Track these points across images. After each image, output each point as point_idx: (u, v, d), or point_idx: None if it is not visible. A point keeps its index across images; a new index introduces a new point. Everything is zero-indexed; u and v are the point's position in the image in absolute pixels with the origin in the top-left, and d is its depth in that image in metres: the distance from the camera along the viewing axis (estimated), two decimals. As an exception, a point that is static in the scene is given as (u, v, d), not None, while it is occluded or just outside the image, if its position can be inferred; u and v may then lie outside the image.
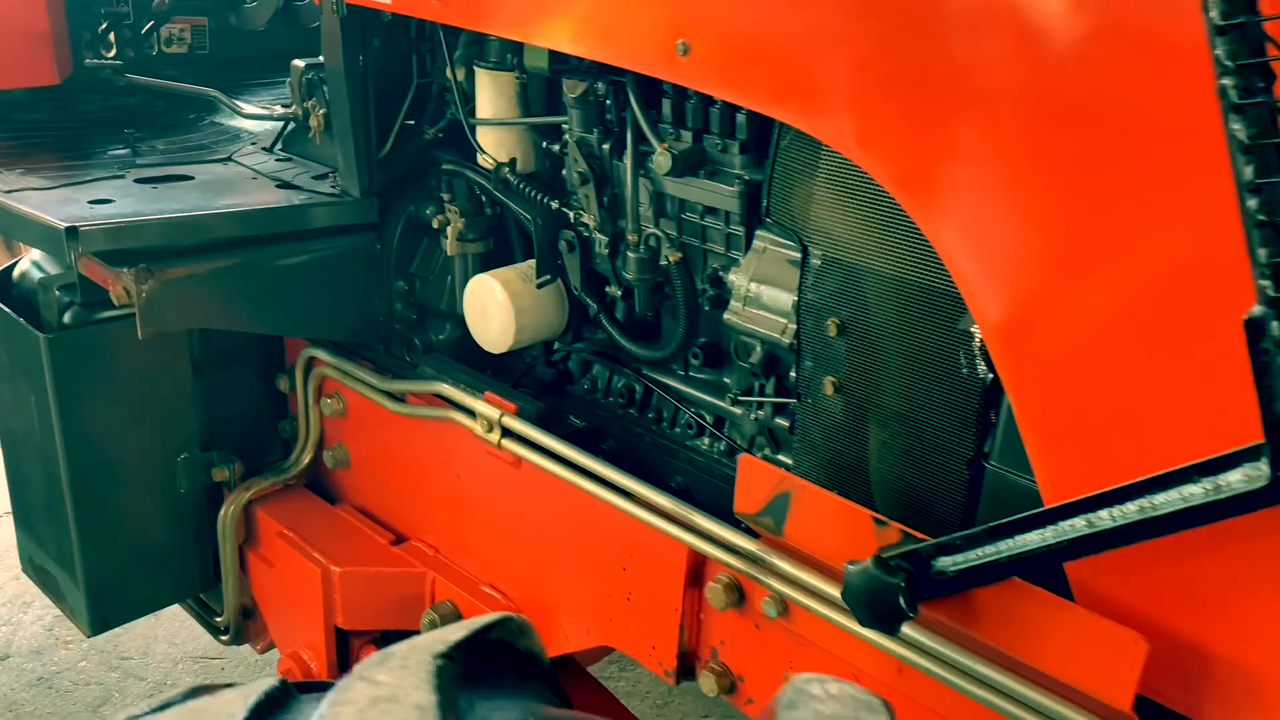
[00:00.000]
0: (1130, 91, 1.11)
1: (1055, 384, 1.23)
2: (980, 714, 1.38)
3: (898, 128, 1.29)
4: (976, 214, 1.25)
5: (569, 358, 2.17)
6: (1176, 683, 1.22)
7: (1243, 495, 1.02)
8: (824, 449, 1.56)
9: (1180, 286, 1.11)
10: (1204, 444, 1.08)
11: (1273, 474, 0.99)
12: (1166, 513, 1.07)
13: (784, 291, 1.56)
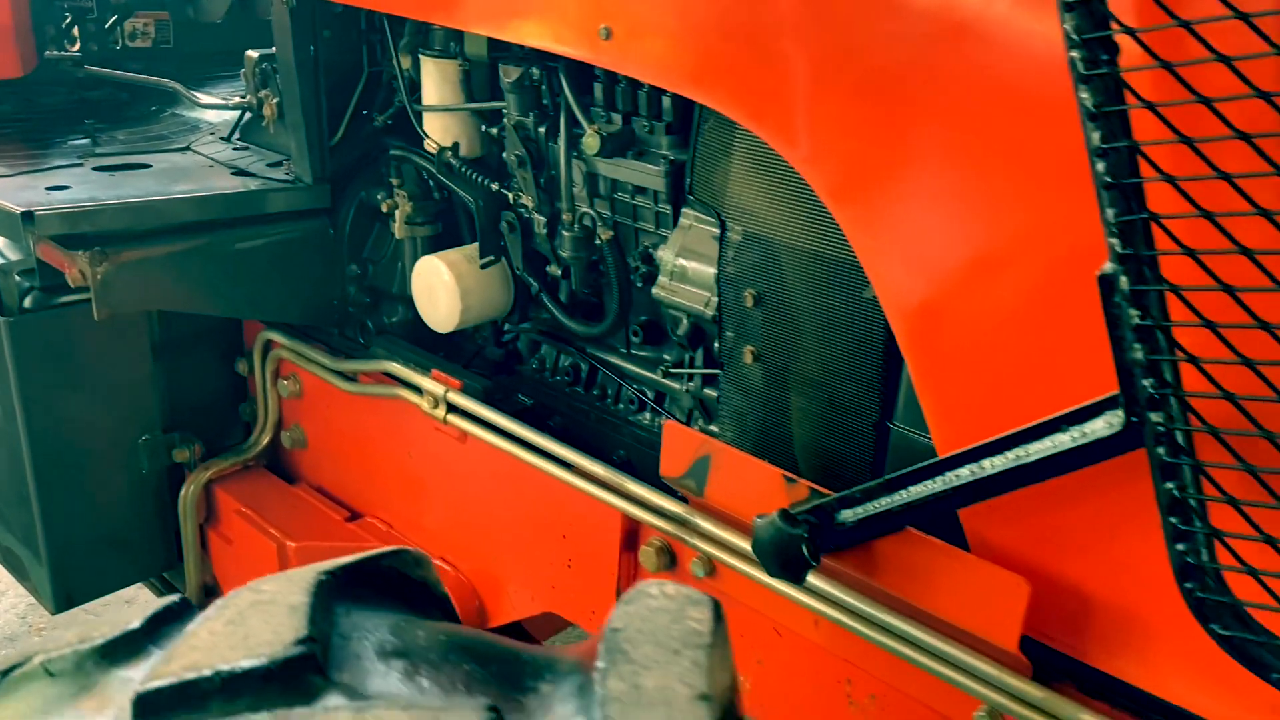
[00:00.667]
0: (1005, 71, 1.18)
1: (945, 348, 1.30)
2: (888, 661, 1.45)
3: (799, 106, 1.36)
4: (871, 188, 1.32)
5: (518, 338, 2.24)
6: (1062, 625, 1.30)
7: (1103, 441, 1.09)
8: (747, 416, 1.64)
9: (1052, 251, 1.19)
10: (1080, 396, 1.16)
11: (1127, 419, 1.06)
12: (1038, 460, 1.15)
13: (707, 266, 1.63)
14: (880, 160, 1.32)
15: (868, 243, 1.35)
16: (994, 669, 1.33)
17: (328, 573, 0.72)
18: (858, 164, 1.34)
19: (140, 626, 0.70)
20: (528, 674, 0.65)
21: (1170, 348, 1.01)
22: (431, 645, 0.67)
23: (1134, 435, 1.06)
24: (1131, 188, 1.00)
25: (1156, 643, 1.22)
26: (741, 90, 1.42)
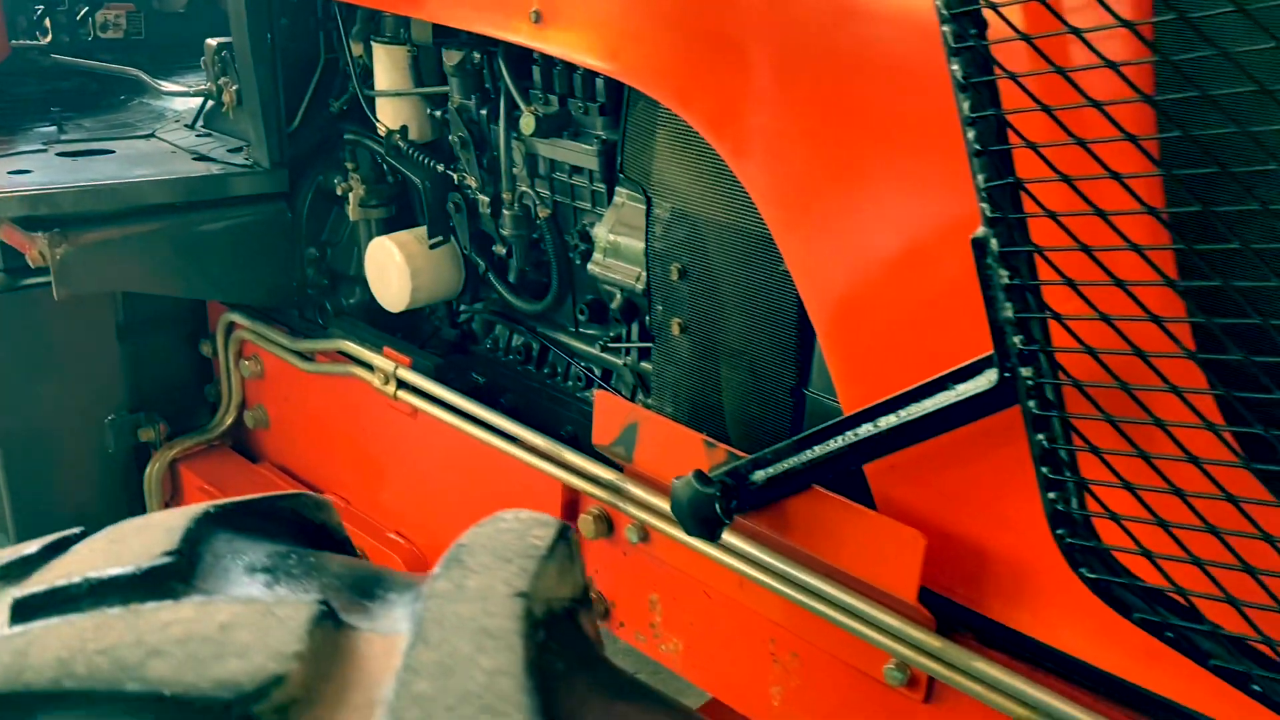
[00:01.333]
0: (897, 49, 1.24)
1: (848, 315, 1.36)
2: (806, 619, 1.51)
3: (712, 85, 1.42)
4: (778, 164, 1.38)
5: (473, 319, 2.29)
6: (961, 578, 1.36)
7: (980, 397, 1.15)
8: (678, 386, 1.69)
9: (943, 221, 1.24)
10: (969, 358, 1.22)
11: (1000, 376, 1.12)
12: (925, 416, 1.21)
13: (638, 241, 1.68)
14: (786, 137, 1.37)
15: (777, 216, 1.41)
16: (898, 621, 1.39)
17: (217, 506, 0.78)
18: (767, 141, 1.39)
19: (36, 552, 0.76)
20: (382, 586, 0.70)
21: (1038, 306, 1.07)
22: (300, 565, 0.73)
23: (1007, 391, 1.12)
24: (1000, 155, 1.06)
25: (1044, 593, 1.28)
26: (660, 70, 1.48)
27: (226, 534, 0.74)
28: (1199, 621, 1.04)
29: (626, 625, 1.86)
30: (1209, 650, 1.03)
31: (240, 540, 0.74)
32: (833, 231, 1.35)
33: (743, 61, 1.38)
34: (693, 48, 1.44)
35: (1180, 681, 1.19)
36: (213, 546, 0.71)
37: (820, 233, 1.36)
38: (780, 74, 1.34)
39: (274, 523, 0.82)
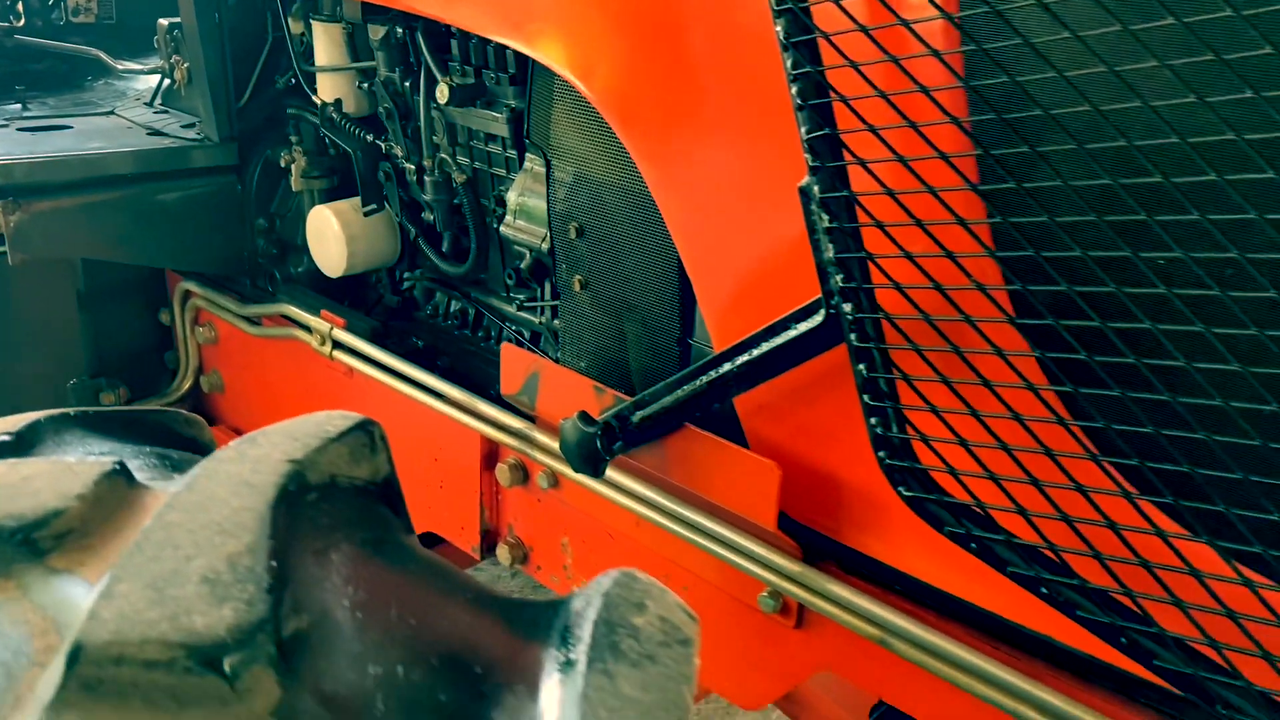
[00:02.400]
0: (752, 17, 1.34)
1: (715, 266, 1.46)
2: (691, 553, 1.62)
3: (596, 52, 1.52)
4: (652, 124, 1.48)
5: (415, 287, 2.40)
6: (822, 509, 1.46)
7: (813, 333, 1.25)
8: (582, 340, 1.80)
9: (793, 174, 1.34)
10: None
11: (826, 313, 1.22)
12: (769, 353, 1.31)
13: (543, 203, 1.79)
14: (661, 103, 1.47)
15: (655, 176, 1.51)
16: (768, 552, 1.49)
17: (81, 411, 0.88)
18: (645, 107, 1.49)
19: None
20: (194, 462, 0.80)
21: (856, 247, 1.17)
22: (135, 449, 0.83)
23: (834, 326, 1.22)
24: (819, 108, 1.16)
25: (892, 521, 1.38)
26: (554, 42, 1.57)
27: (81, 430, 0.85)
28: (997, 532, 1.14)
29: (543, 568, 1.97)
30: (1006, 558, 1.14)
31: (92, 436, 0.84)
32: (700, 189, 1.45)
33: (625, 34, 1.48)
34: (581, 21, 1.54)
35: (1001, 596, 1.29)
36: (60, 436, 0.81)
37: (690, 190, 1.46)
38: (655, 47, 1.44)
39: (139, 431, 0.92)
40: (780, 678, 1.60)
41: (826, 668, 1.54)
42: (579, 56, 1.55)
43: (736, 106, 1.37)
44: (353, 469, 0.77)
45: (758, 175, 1.37)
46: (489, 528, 2.01)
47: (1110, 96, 0.96)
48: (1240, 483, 0.94)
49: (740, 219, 1.41)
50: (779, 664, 1.58)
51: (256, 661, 0.53)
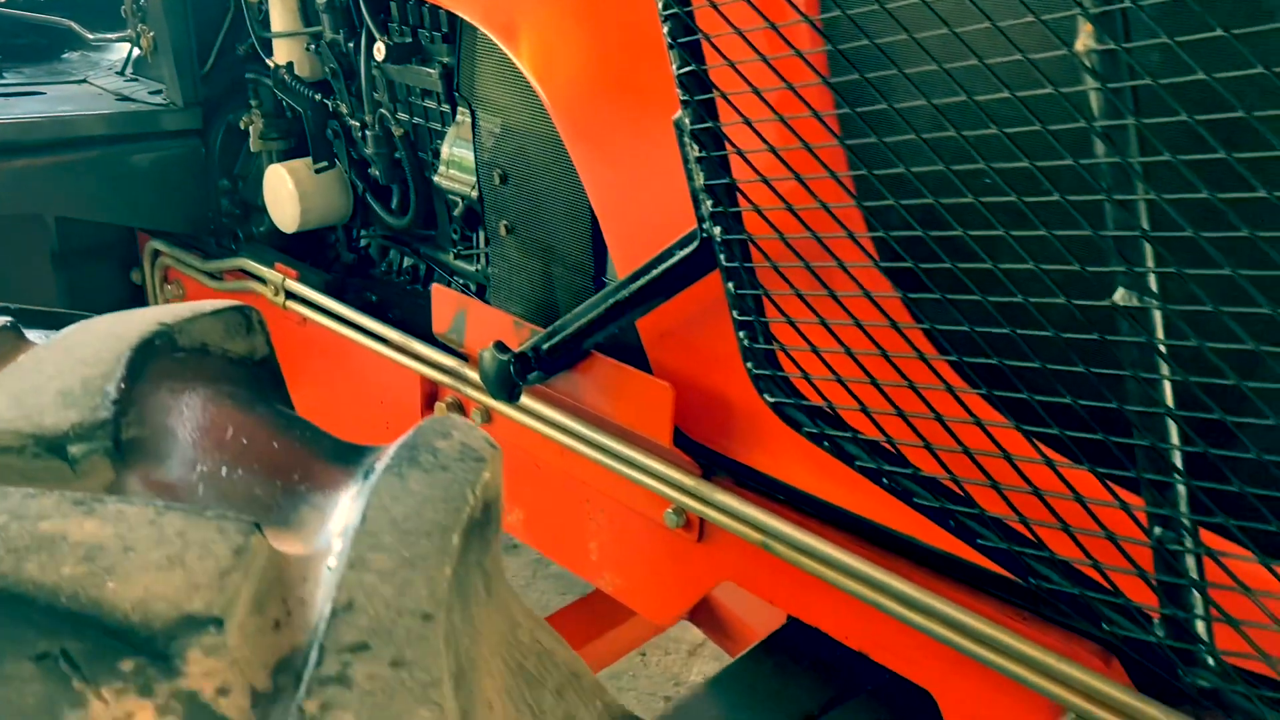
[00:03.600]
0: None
1: (619, 206, 1.57)
2: (606, 477, 1.73)
3: (511, 8, 1.63)
4: (561, 74, 1.59)
5: (371, 245, 2.51)
6: (717, 428, 1.57)
7: (691, 258, 1.36)
8: (511, 282, 1.91)
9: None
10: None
11: (700, 238, 1.33)
12: (655, 279, 1.42)
13: (471, 153, 1.90)
14: (567, 51, 1.58)
15: (565, 122, 1.61)
16: (671, 470, 1.61)
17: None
18: (555, 58, 1.60)
19: None
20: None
21: (723, 175, 1.28)
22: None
23: (708, 250, 1.33)
24: (689, 45, 1.27)
25: (774, 436, 1.50)
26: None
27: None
28: (846, 431, 1.25)
29: (480, 501, 2.08)
30: (853, 453, 1.25)
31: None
32: (605, 135, 1.55)
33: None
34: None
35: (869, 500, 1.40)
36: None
37: (596, 136, 1.57)
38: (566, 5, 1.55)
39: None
40: (688, 591, 1.71)
41: (728, 578, 1.65)
42: (499, 14, 1.65)
43: (636, 57, 1.48)
44: (226, 341, 0.88)
45: (652, 119, 1.48)
46: (431, 465, 2.13)
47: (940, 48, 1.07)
48: (1041, 370, 1.04)
49: (638, 161, 1.51)
50: (685, 577, 1.70)
51: (95, 453, 0.64)
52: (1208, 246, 0.91)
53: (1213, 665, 1.01)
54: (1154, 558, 1.03)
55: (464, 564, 0.65)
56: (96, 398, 0.66)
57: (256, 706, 0.53)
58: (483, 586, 0.68)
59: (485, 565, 0.70)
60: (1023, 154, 1.00)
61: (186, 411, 0.72)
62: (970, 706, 1.38)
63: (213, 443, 0.70)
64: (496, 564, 0.75)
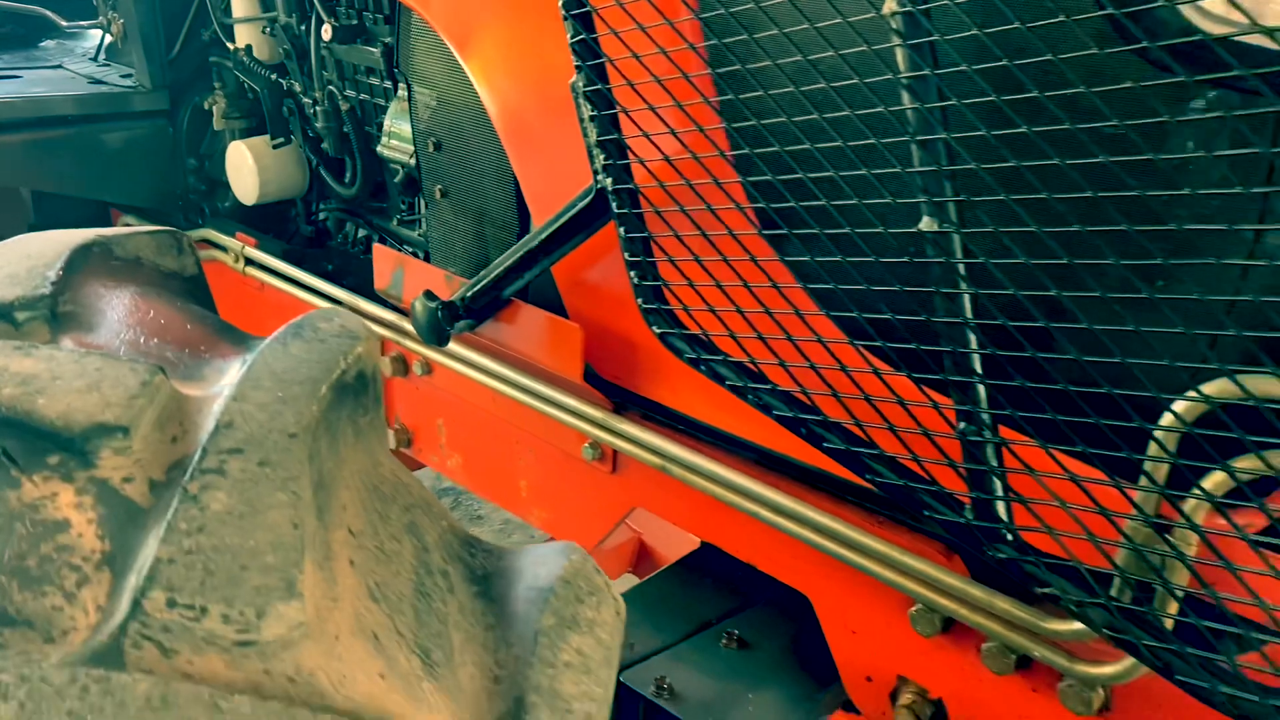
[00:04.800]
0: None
1: (534, 167, 1.73)
2: (532, 417, 1.89)
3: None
4: (483, 47, 1.75)
5: (328, 219, 2.67)
6: (626, 368, 1.73)
7: (590, 207, 1.53)
8: (447, 242, 2.07)
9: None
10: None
11: (596, 191, 1.49)
12: (560, 228, 1.58)
13: (410, 124, 2.06)
14: (489, 29, 1.74)
15: (486, 92, 1.77)
16: (585, 406, 1.77)
17: None
18: (477, 32, 1.76)
19: None
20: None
21: (613, 131, 1.44)
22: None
23: (603, 200, 1.49)
24: (581, 16, 1.43)
25: (674, 372, 1.66)
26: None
27: None
28: (718, 355, 1.42)
29: (423, 450, 2.24)
30: (724, 374, 1.41)
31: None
32: (521, 104, 1.72)
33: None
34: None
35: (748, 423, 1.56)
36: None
37: (513, 105, 1.73)
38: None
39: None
40: (605, 518, 1.88)
41: (638, 504, 1.81)
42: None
43: (544, 32, 1.64)
44: (158, 257, 1.03)
45: (558, 86, 1.64)
46: (379, 416, 2.29)
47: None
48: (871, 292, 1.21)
49: (549, 124, 1.68)
50: (602, 505, 1.86)
51: (35, 319, 0.79)
52: (986, 176, 1.07)
53: (1010, 540, 1.18)
54: (962, 450, 1.19)
55: (334, 411, 0.81)
56: (38, 279, 0.82)
57: (153, 491, 0.69)
58: (351, 432, 0.84)
59: (358, 422, 0.86)
60: (846, 105, 1.16)
61: (115, 299, 0.87)
62: (839, 605, 1.54)
63: (135, 320, 0.85)
64: (376, 430, 0.90)
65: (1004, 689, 1.38)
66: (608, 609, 0.78)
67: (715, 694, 1.57)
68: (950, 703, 1.45)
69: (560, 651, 0.73)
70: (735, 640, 1.67)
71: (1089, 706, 1.28)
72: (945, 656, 1.43)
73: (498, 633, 0.75)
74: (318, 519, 0.72)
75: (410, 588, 0.74)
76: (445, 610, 0.75)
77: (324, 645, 0.65)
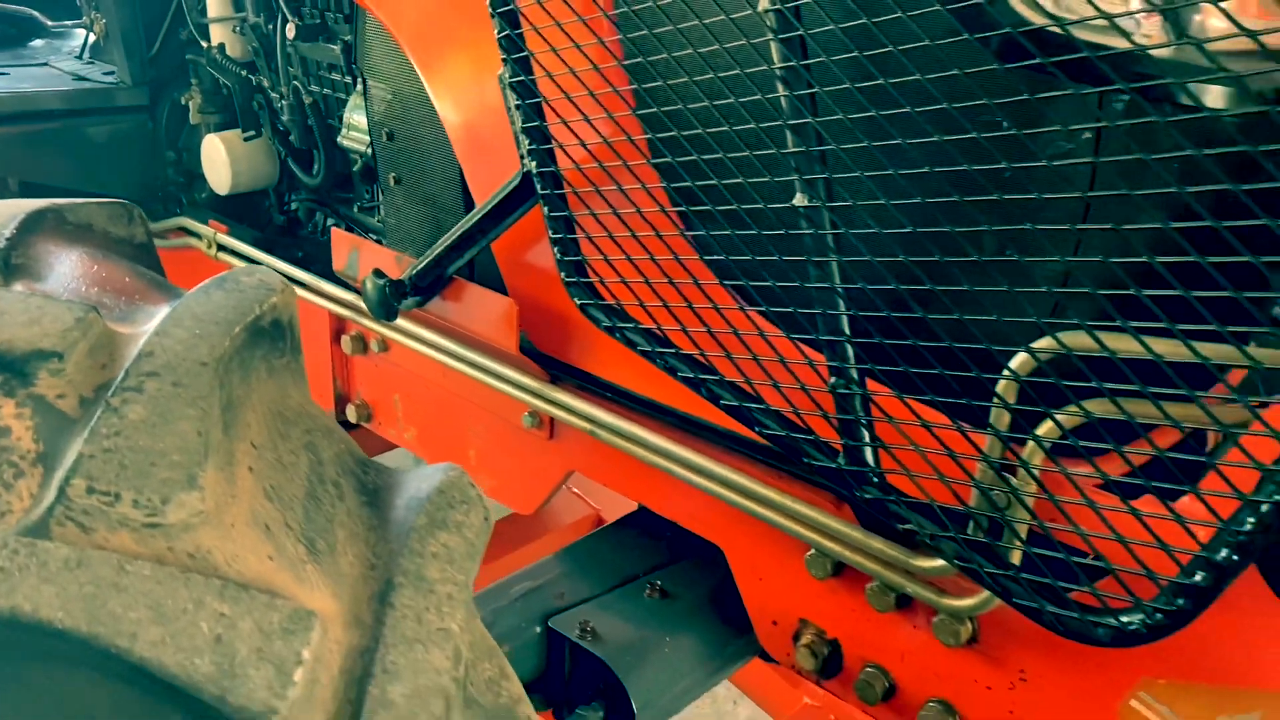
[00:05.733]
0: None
1: (476, 156, 1.86)
2: (478, 389, 2.02)
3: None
4: (430, 45, 1.88)
5: (299, 209, 2.80)
6: (560, 341, 1.87)
7: (518, 189, 1.66)
8: (401, 227, 2.20)
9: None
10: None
11: (523, 174, 1.62)
12: (491, 209, 1.71)
13: (366, 117, 2.19)
14: (435, 28, 1.88)
15: (434, 85, 1.91)
16: (524, 377, 1.90)
17: None
18: (423, 30, 1.90)
19: None
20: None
21: (537, 119, 1.57)
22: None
23: (530, 182, 1.63)
24: (506, 14, 1.56)
25: (604, 344, 1.79)
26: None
27: None
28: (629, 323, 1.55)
29: (382, 424, 2.37)
30: (635, 340, 1.54)
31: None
32: (464, 95, 1.85)
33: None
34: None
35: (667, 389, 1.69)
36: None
37: (457, 97, 1.86)
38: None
39: None
40: (544, 481, 2.01)
41: (574, 468, 1.95)
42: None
43: (481, 30, 1.77)
44: (109, 225, 1.16)
45: (492, 79, 1.77)
46: (341, 394, 2.42)
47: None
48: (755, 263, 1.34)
49: (485, 114, 1.81)
50: (540, 470, 1.99)
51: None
52: (844, 157, 1.21)
53: (876, 483, 1.31)
54: (834, 402, 1.32)
55: (248, 350, 0.94)
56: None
57: (82, 405, 0.82)
58: (265, 370, 0.96)
59: (272, 362, 0.99)
60: (732, 94, 1.29)
61: (65, 256, 1.00)
62: (748, 555, 1.67)
63: (79, 273, 0.98)
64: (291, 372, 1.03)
65: (888, 626, 1.51)
66: (476, 514, 0.91)
67: (635, 637, 1.70)
68: (844, 641, 1.58)
69: (428, 544, 0.86)
70: (658, 591, 1.80)
71: (957, 638, 1.41)
72: (837, 598, 1.56)
73: (378, 532, 0.88)
74: (224, 433, 0.85)
75: (303, 492, 0.87)
76: (333, 512, 0.88)
77: (220, 531, 0.78)
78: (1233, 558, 1.02)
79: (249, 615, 0.73)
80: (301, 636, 0.74)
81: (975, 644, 1.42)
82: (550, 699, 1.74)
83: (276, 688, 0.71)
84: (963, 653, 1.43)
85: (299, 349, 1.08)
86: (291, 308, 1.04)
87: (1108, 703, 1.31)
